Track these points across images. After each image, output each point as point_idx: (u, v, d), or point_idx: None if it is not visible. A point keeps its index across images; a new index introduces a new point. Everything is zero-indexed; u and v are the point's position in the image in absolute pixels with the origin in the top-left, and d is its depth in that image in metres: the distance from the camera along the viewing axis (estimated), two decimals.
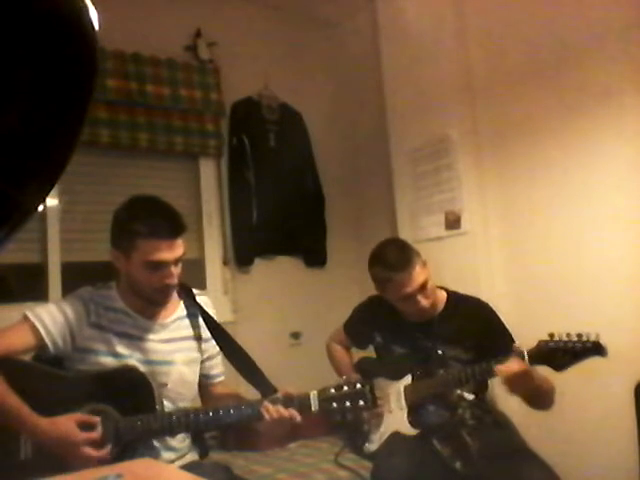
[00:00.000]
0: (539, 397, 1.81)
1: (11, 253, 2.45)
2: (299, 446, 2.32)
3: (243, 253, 3.10)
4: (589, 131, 2.34)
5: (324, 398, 1.61)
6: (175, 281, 1.70)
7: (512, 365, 1.68)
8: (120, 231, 1.69)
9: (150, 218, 1.66)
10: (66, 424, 1.50)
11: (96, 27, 0.43)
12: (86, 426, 1.52)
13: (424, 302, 1.95)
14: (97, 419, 1.54)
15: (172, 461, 1.70)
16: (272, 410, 1.58)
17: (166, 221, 1.67)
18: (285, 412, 1.58)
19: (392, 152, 3.09)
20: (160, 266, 1.65)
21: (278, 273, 3.19)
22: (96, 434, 1.52)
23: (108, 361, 1.67)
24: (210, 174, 3.11)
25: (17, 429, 1.51)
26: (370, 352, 2.26)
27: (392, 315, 2.08)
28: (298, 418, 1.59)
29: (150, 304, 1.73)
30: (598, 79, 2.29)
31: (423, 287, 1.94)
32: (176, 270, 1.69)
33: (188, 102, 2.95)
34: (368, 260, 2.06)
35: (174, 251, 1.66)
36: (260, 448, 2.29)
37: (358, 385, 1.61)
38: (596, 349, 1.63)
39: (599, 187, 2.31)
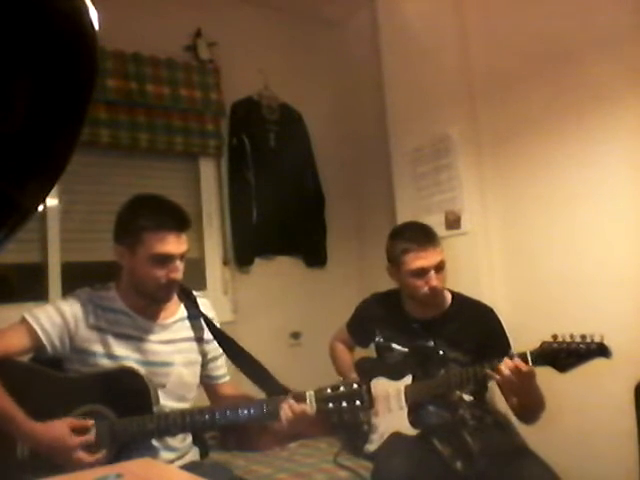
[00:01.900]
0: (534, 404, 1.81)
1: (11, 253, 2.45)
2: (299, 446, 2.31)
3: (243, 253, 3.10)
4: (589, 131, 2.33)
5: (320, 398, 1.61)
6: (180, 276, 1.70)
7: (516, 362, 1.67)
8: (126, 226, 1.69)
9: (156, 212, 1.68)
10: (60, 429, 1.50)
11: (96, 27, 0.43)
12: (80, 430, 1.52)
13: (436, 281, 1.93)
14: (90, 422, 1.53)
15: (172, 461, 1.70)
16: (295, 406, 1.59)
17: (173, 215, 1.69)
18: (308, 408, 1.59)
19: (392, 152, 3.09)
20: (166, 260, 1.66)
21: (278, 273, 3.19)
22: (89, 437, 1.52)
23: (106, 362, 1.66)
24: (210, 174, 3.11)
25: (12, 433, 1.50)
26: (372, 351, 2.26)
27: (395, 312, 2.08)
28: (309, 411, 1.60)
29: (152, 302, 1.73)
30: (598, 79, 2.29)
31: (439, 267, 1.93)
32: (181, 266, 1.69)
33: (188, 102, 2.95)
34: (388, 236, 2.05)
35: (180, 245, 1.68)
36: (260, 448, 2.29)
37: (355, 385, 1.61)
38: (600, 350, 1.62)
39: (599, 186, 2.30)
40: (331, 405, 1.60)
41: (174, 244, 1.66)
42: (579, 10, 2.34)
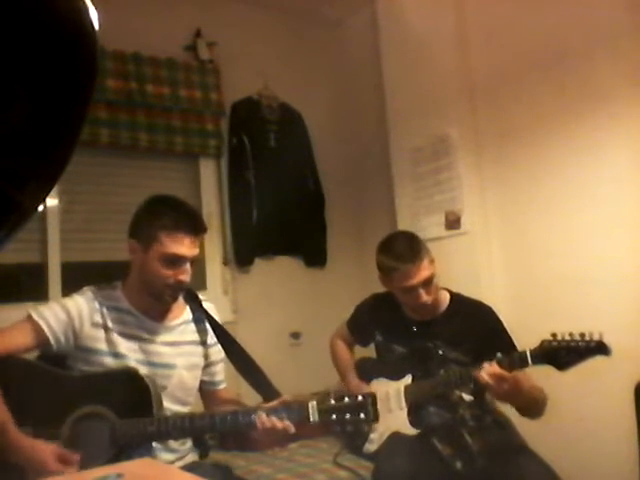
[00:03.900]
0: (527, 405, 1.81)
1: (11, 253, 2.45)
2: (299, 446, 2.31)
3: (243, 253, 3.09)
4: (588, 131, 2.34)
5: (323, 409, 1.57)
6: (188, 279, 1.71)
7: (494, 368, 1.67)
8: (143, 223, 1.70)
9: (175, 214, 1.69)
10: (45, 453, 1.47)
11: (96, 27, 0.43)
12: (64, 460, 1.49)
13: (425, 297, 1.94)
14: (76, 458, 1.50)
15: (172, 462, 1.70)
16: (266, 421, 1.56)
17: (191, 219, 1.71)
18: (278, 424, 1.55)
19: (392, 152, 3.09)
20: (178, 261, 1.66)
21: (278, 273, 3.19)
22: (68, 474, 1.48)
23: (110, 361, 1.66)
24: (210, 174, 3.11)
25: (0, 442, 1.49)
26: (372, 350, 2.26)
27: (394, 313, 2.08)
28: (292, 430, 1.56)
29: (158, 302, 1.73)
30: (598, 79, 2.29)
31: (427, 282, 1.94)
32: (190, 269, 1.71)
33: (188, 102, 2.94)
34: (377, 248, 2.05)
35: (193, 249, 1.69)
36: (260, 448, 2.29)
37: (359, 397, 1.57)
38: (600, 348, 1.62)
39: (599, 186, 2.31)
40: (334, 417, 1.56)
41: (188, 247, 1.67)
42: (579, 10, 2.34)
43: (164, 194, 1.80)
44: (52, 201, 2.62)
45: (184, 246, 1.66)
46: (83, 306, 1.69)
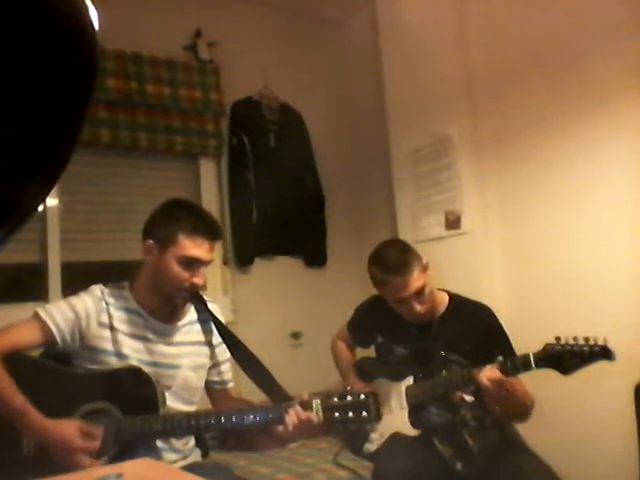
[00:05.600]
0: (516, 411, 1.81)
1: (11, 253, 2.45)
2: (299, 446, 2.31)
3: (243, 253, 3.09)
4: (588, 131, 2.34)
5: (327, 407, 1.59)
6: (202, 282, 1.72)
7: (492, 374, 1.67)
8: (162, 224, 1.71)
9: (195, 217, 1.72)
10: (69, 429, 1.51)
11: (96, 27, 0.43)
12: (88, 435, 1.53)
13: (418, 308, 1.94)
14: (99, 432, 1.54)
15: (175, 462, 1.70)
16: (295, 414, 1.57)
17: (209, 223, 1.74)
18: (314, 416, 1.57)
19: (392, 152, 3.09)
20: (195, 264, 1.68)
21: (278, 273, 3.19)
22: (94, 445, 1.52)
23: (115, 361, 1.67)
24: (210, 174, 3.11)
25: (21, 427, 1.52)
26: (373, 350, 2.26)
27: (393, 315, 2.08)
28: (316, 420, 1.58)
29: (167, 304, 1.74)
30: (598, 79, 2.29)
31: (419, 293, 1.93)
32: (205, 273, 1.72)
33: (188, 102, 2.94)
34: (368, 258, 2.05)
35: (210, 253, 1.72)
36: (260, 449, 2.29)
37: (362, 396, 1.59)
38: (604, 353, 1.62)
39: (599, 186, 2.30)
40: (337, 415, 1.58)
41: (206, 251, 1.70)
42: (579, 9, 2.34)
43: (182, 198, 1.84)
44: (52, 201, 2.62)
45: (203, 249, 1.68)
46: (90, 305, 1.69)
